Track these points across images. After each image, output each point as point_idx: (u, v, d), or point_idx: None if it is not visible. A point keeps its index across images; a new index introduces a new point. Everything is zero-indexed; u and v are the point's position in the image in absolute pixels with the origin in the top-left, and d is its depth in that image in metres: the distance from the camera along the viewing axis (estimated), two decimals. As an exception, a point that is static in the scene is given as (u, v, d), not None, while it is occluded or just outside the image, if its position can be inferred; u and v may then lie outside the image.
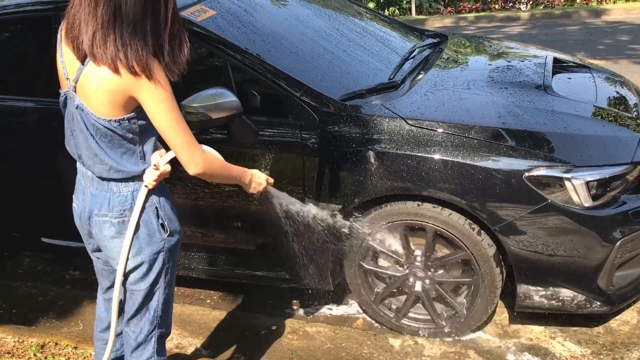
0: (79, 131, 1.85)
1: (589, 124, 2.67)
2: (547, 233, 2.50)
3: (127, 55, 1.64)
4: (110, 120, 1.75)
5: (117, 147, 1.82)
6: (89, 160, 1.87)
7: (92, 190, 1.91)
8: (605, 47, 8.49)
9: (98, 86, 1.70)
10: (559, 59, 3.47)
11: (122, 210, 1.88)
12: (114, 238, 1.91)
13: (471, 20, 12.68)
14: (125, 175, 1.86)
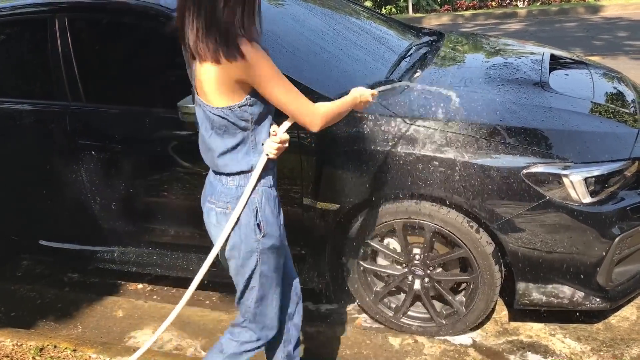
0: (202, 126, 1.95)
1: (587, 120, 2.66)
2: (546, 230, 2.49)
3: (225, 48, 1.72)
4: (222, 108, 1.83)
5: (230, 137, 1.88)
6: (207, 153, 1.97)
7: (210, 178, 2.03)
8: (603, 43, 8.50)
9: (209, 78, 1.79)
10: (556, 56, 3.46)
11: (225, 202, 1.95)
12: (215, 227, 2.00)
13: (468, 17, 12.68)
14: (236, 169, 1.92)
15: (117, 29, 3.11)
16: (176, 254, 3.18)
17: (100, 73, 3.14)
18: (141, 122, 2.94)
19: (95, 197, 3.13)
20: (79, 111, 3.06)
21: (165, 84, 3.11)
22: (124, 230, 3.20)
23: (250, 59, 1.74)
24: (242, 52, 1.73)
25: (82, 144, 3.04)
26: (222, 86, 1.79)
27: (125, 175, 3.04)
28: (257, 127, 1.90)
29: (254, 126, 1.89)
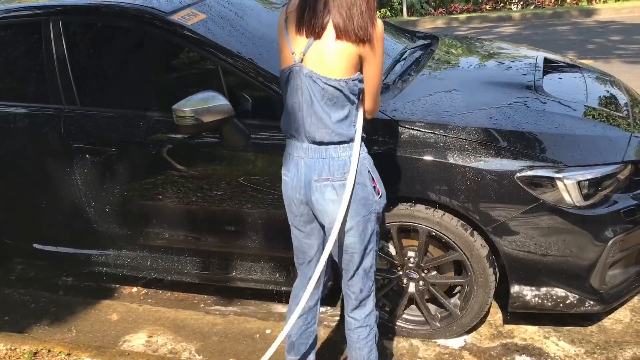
0: (303, 101, 2.04)
1: (580, 124, 2.68)
2: (540, 233, 2.50)
3: (363, 27, 1.93)
4: (339, 80, 1.98)
5: (339, 109, 2.02)
6: (311, 127, 2.04)
7: (306, 161, 2.08)
8: (596, 46, 8.54)
9: (337, 52, 1.96)
10: (550, 59, 3.48)
11: (342, 174, 2.06)
12: (336, 201, 2.07)
13: (463, 20, 12.72)
14: (344, 138, 2.04)
15: (111, 33, 3.11)
16: (171, 257, 3.18)
17: (94, 76, 3.13)
18: (135, 125, 2.94)
19: (89, 201, 3.13)
20: (73, 114, 3.05)
21: (159, 87, 3.11)
22: (118, 234, 3.19)
23: (376, 38, 1.97)
24: (374, 32, 1.96)
25: (77, 147, 3.04)
26: (346, 60, 1.97)
27: (119, 178, 3.03)
28: (358, 102, 2.08)
29: (358, 101, 2.07)
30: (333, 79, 1.97)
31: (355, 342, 2.32)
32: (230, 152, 2.81)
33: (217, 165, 2.86)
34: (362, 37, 1.94)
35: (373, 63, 2.01)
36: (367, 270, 2.22)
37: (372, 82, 2.06)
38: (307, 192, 2.11)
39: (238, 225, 2.95)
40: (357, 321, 2.30)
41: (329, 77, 1.98)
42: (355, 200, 2.07)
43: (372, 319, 2.31)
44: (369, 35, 1.94)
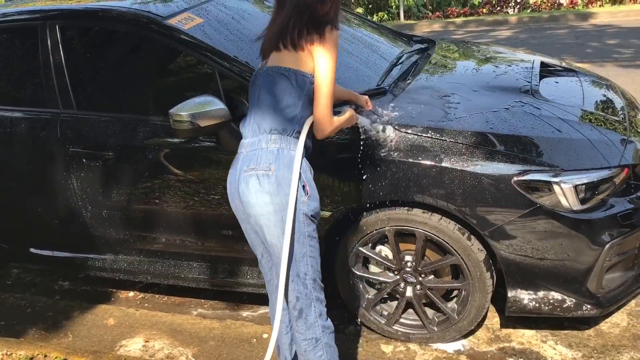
0: (259, 97, 2.18)
1: (577, 128, 2.67)
2: (537, 237, 2.50)
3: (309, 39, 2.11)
4: (289, 69, 2.12)
5: (284, 97, 2.12)
6: (257, 116, 2.16)
7: (243, 155, 2.17)
8: (593, 50, 8.57)
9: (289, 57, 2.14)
10: (546, 63, 3.49)
11: (268, 164, 2.09)
12: (257, 192, 2.09)
13: (459, 24, 12.76)
14: (278, 126, 2.12)
15: (108, 37, 3.11)
16: (168, 262, 3.17)
17: (91, 81, 3.13)
18: (132, 129, 2.93)
19: (86, 205, 3.12)
20: (70, 119, 3.05)
21: (156, 91, 3.11)
22: (115, 238, 3.18)
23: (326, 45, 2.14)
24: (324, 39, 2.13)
25: (73, 152, 3.03)
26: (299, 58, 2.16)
27: (116, 182, 3.03)
28: (307, 104, 2.17)
29: (305, 101, 2.15)
30: (283, 67, 2.13)
31: (303, 355, 2.26)
32: (226, 155, 2.80)
33: (213, 170, 2.85)
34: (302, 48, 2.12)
35: (321, 66, 2.11)
36: (301, 276, 2.17)
37: (321, 85, 2.11)
38: (237, 184, 2.16)
39: (235, 229, 2.93)
40: (299, 334, 2.24)
41: (280, 65, 2.14)
42: (279, 193, 2.08)
43: (317, 330, 2.22)
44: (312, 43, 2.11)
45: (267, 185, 2.08)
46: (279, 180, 2.08)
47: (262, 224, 2.12)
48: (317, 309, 2.23)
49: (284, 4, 2.17)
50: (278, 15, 2.20)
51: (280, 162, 2.10)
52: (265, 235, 2.15)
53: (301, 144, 2.13)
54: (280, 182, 2.08)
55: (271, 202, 2.09)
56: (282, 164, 2.09)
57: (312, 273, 2.19)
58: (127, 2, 3.09)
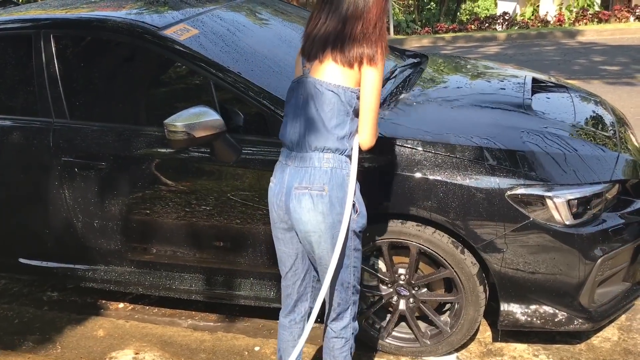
0: (304, 107, 2.14)
1: (569, 143, 2.70)
2: (530, 251, 2.52)
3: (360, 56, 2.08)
4: (338, 86, 2.09)
5: (334, 116, 2.10)
6: (306, 132, 2.13)
7: (292, 168, 2.16)
8: (580, 67, 8.68)
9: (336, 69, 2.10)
10: (537, 79, 3.52)
11: (322, 184, 2.11)
12: (310, 210, 2.11)
13: (449, 40, 12.88)
14: (331, 145, 2.11)
15: (103, 47, 3.11)
16: (159, 273, 3.15)
17: (85, 90, 3.12)
18: (125, 139, 2.92)
19: (77, 215, 3.10)
20: (63, 128, 3.03)
21: (150, 101, 3.11)
22: (106, 249, 3.15)
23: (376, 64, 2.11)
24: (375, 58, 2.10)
25: (65, 161, 3.01)
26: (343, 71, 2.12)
27: (108, 193, 3.01)
28: (354, 115, 2.15)
29: (353, 115, 2.14)
30: (332, 84, 2.09)
31: (331, 350, 2.39)
32: (220, 166, 2.80)
33: (207, 181, 2.85)
34: (353, 64, 2.08)
35: (369, 84, 2.09)
36: (345, 285, 2.27)
37: (363, 101, 2.11)
38: (286, 199, 2.16)
39: (227, 240, 2.94)
40: (333, 332, 2.36)
41: (329, 82, 2.09)
42: (332, 213, 2.12)
43: (349, 332, 2.36)
44: (363, 61, 2.07)
45: (321, 205, 2.11)
46: (332, 201, 2.11)
47: (313, 240, 2.17)
48: (353, 311, 2.35)
49: (332, 3, 2.10)
50: (324, 14, 2.12)
51: (334, 182, 2.12)
52: (314, 249, 2.20)
53: (354, 165, 2.15)
54: (333, 203, 2.11)
55: (324, 221, 2.12)
56: (336, 184, 2.12)
57: (354, 281, 2.29)
58: (123, 12, 3.09)
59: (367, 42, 2.07)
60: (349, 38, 2.07)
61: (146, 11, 3.16)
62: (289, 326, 2.45)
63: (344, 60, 2.08)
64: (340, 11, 2.08)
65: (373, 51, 2.07)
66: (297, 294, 2.39)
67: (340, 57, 2.08)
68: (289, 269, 2.35)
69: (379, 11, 2.10)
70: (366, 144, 2.16)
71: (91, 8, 3.29)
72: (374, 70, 2.08)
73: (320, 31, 2.12)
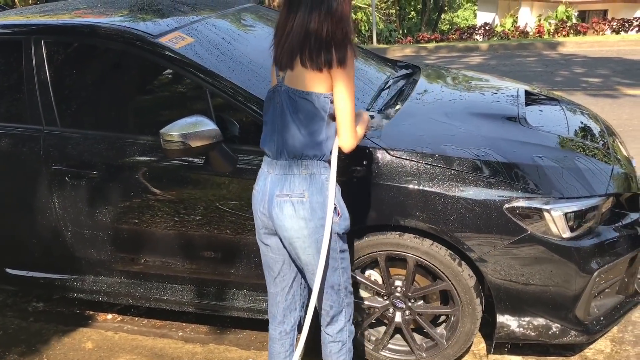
0: (281, 116, 2.16)
1: (564, 156, 2.72)
2: (527, 263, 2.52)
3: (328, 60, 2.06)
4: (310, 93, 2.10)
5: (310, 123, 2.12)
6: (282, 141, 2.16)
7: (273, 176, 2.19)
8: (562, 78, 8.79)
9: (307, 76, 2.10)
10: (529, 92, 3.55)
11: (302, 191, 2.14)
12: (292, 217, 2.14)
13: (431, 49, 12.97)
14: (309, 152, 2.13)
15: (96, 54, 3.06)
16: (150, 284, 3.09)
17: (76, 97, 3.07)
18: (117, 148, 2.88)
19: (67, 225, 3.03)
20: (53, 136, 2.97)
21: (144, 110, 3.06)
22: (96, 259, 3.09)
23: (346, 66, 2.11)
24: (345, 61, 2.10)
25: (56, 170, 2.95)
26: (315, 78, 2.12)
27: (99, 202, 2.95)
28: (331, 123, 2.16)
29: (328, 121, 2.15)
30: (304, 92, 2.10)
31: (328, 355, 2.41)
32: (213, 177, 2.77)
33: (198, 190, 2.81)
34: (322, 69, 2.08)
35: (340, 88, 2.10)
36: (335, 287, 2.29)
37: (342, 106, 2.11)
38: (269, 206, 2.20)
39: (219, 251, 2.90)
40: (329, 336, 2.38)
41: (301, 90, 2.11)
42: (314, 218, 2.15)
43: (345, 334, 2.39)
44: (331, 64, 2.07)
45: (302, 211, 2.14)
46: (313, 206, 2.14)
47: (297, 245, 2.20)
48: (347, 314, 2.37)
49: (297, 9, 2.08)
50: (290, 22, 2.11)
51: (314, 187, 2.15)
52: (300, 255, 2.23)
53: (334, 168, 2.16)
54: (314, 208, 2.14)
55: (306, 227, 2.16)
56: (315, 190, 2.15)
57: (344, 282, 2.31)
58: (116, 18, 3.05)
59: (335, 44, 2.06)
60: (315, 42, 2.06)
61: (140, 18, 3.12)
62: (279, 338, 2.46)
63: (313, 65, 2.07)
64: (304, 15, 2.07)
65: (341, 53, 2.06)
66: (285, 301, 2.40)
67: (309, 62, 2.08)
68: (277, 275, 2.37)
69: (345, 12, 2.09)
70: (346, 147, 2.16)
71: (84, 14, 3.24)
72: (344, 72, 2.08)
73: (287, 38, 2.12)
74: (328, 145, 2.17)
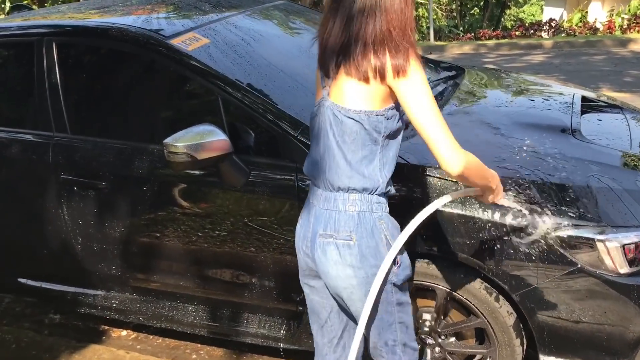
0: (323, 137, 1.80)
1: (624, 176, 2.33)
2: (576, 300, 2.16)
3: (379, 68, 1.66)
4: (360, 112, 1.71)
5: (359, 148, 1.75)
6: (327, 168, 1.80)
7: (317, 210, 1.84)
8: (632, 79, 8.13)
9: (353, 88, 1.71)
10: (587, 97, 3.15)
11: (348, 232, 1.78)
12: (337, 263, 1.79)
13: (491, 47, 12.40)
14: (357, 185, 1.77)
15: (107, 56, 2.88)
16: (162, 303, 2.89)
17: (87, 103, 2.90)
18: (128, 157, 2.68)
19: (76, 237, 2.87)
20: (63, 143, 2.80)
21: (154, 117, 2.86)
22: (106, 274, 2.91)
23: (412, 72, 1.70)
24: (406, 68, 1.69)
25: (65, 179, 2.79)
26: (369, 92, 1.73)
27: (108, 214, 2.77)
28: (388, 144, 1.79)
29: (384, 142, 1.78)
30: (352, 110, 1.72)
31: None
32: (226, 190, 2.53)
33: (216, 205, 2.57)
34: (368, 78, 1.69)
35: (411, 98, 1.67)
36: (390, 344, 1.92)
37: (419, 118, 1.68)
38: (312, 246, 1.85)
39: (237, 270, 2.66)
40: None
41: (348, 107, 1.73)
42: (364, 266, 1.78)
43: None
44: (388, 72, 1.67)
45: (349, 257, 1.77)
46: (362, 251, 1.76)
47: (344, 296, 1.84)
48: None
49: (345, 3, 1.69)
50: (333, 15, 1.73)
51: (363, 228, 1.77)
52: (349, 306, 1.88)
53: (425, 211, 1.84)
54: (364, 254, 1.77)
55: (354, 276, 1.79)
56: (365, 231, 1.77)
57: (403, 338, 1.94)
58: (130, 19, 2.86)
59: (390, 48, 1.65)
60: (361, 44, 1.66)
61: (156, 18, 2.91)
62: None
63: (359, 74, 1.68)
64: (350, 9, 1.68)
65: (400, 60, 1.65)
66: (334, 353, 2.04)
67: (354, 71, 1.69)
68: (324, 323, 2.02)
69: (405, 5, 1.68)
70: (447, 168, 1.70)
71: (100, 14, 3.07)
72: (408, 82, 1.66)
73: (330, 38, 1.74)
74: (383, 174, 1.79)
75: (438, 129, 1.67)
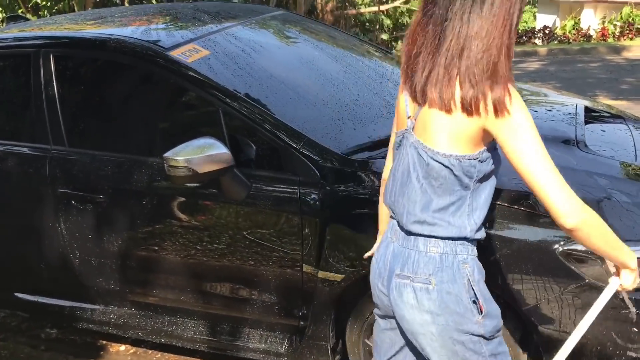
0: (404, 173, 1.63)
1: (631, 189, 2.31)
2: (583, 315, 2.12)
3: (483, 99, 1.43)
4: (450, 156, 1.51)
5: (446, 194, 1.57)
6: (402, 208, 1.63)
7: (396, 246, 1.68)
8: (629, 86, 8.16)
9: (439, 123, 1.50)
10: (590, 108, 3.13)
11: (427, 275, 1.60)
12: (413, 307, 1.62)
13: (486, 54, 12.42)
14: (440, 233, 1.59)
15: (105, 68, 2.85)
16: (161, 318, 2.85)
17: (84, 115, 2.86)
18: (126, 171, 2.64)
19: (74, 251, 2.82)
20: (60, 156, 2.76)
21: (153, 130, 2.82)
22: (104, 288, 2.87)
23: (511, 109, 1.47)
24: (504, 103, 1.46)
25: (62, 193, 2.74)
26: (458, 133, 1.51)
27: (106, 228, 2.73)
28: (479, 189, 1.60)
29: (474, 188, 1.59)
30: (441, 153, 1.53)
31: None
32: (229, 204, 2.49)
33: (215, 218, 2.54)
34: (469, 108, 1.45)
35: (511, 139, 1.46)
36: None
37: (525, 162, 1.47)
38: (388, 285, 1.70)
39: (237, 285, 2.62)
40: None
41: (437, 149, 1.53)
42: (444, 313, 1.60)
43: None
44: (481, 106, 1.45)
45: (427, 302, 1.60)
46: (442, 297, 1.58)
47: (423, 343, 1.66)
48: None
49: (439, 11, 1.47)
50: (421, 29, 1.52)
51: (444, 273, 1.59)
52: (429, 354, 1.68)
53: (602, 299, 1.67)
54: (444, 300, 1.58)
55: (433, 322, 1.61)
56: (446, 276, 1.59)
57: None
58: (128, 30, 2.83)
59: (490, 73, 1.42)
60: (444, 69, 1.45)
61: (154, 29, 2.89)
62: None
63: (442, 106, 1.46)
64: (437, 15, 1.46)
65: (500, 92, 1.42)
66: None
67: (437, 101, 1.46)
68: (391, 356, 1.86)
69: (507, 21, 1.43)
70: (561, 218, 1.46)
71: (97, 25, 3.04)
72: (511, 121, 1.43)
73: (419, 56, 1.51)
74: (472, 222, 1.60)
75: (549, 173, 1.46)
